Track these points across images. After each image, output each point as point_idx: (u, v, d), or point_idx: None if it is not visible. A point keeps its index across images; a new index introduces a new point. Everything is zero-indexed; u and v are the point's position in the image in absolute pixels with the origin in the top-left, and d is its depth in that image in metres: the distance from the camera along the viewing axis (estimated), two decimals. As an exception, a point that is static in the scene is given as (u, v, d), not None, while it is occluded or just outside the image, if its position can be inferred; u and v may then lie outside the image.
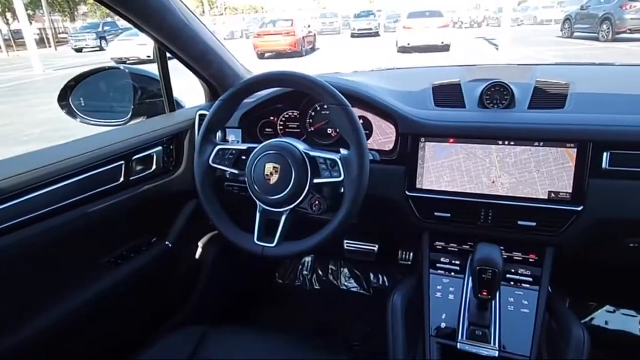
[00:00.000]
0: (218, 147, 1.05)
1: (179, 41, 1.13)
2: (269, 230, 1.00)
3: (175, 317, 1.42)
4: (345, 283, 1.99)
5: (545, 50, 11.64)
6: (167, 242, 1.30)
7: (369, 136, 1.16)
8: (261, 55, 13.92)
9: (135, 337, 1.21)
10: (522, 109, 1.03)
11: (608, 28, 12.46)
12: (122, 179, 1.11)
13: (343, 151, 0.96)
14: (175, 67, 1.31)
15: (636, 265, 1.15)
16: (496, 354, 0.90)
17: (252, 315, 1.80)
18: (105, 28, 21.03)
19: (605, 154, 0.93)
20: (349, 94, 1.03)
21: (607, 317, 1.59)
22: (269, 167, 0.97)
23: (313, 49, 15.79)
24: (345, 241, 1.51)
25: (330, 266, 2.02)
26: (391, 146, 1.13)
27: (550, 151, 0.96)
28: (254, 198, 1.00)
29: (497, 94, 1.04)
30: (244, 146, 1.04)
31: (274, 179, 0.96)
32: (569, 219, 0.97)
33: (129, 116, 1.31)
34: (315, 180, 0.96)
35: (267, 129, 1.31)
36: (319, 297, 1.96)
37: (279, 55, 13.70)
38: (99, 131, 1.20)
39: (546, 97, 1.05)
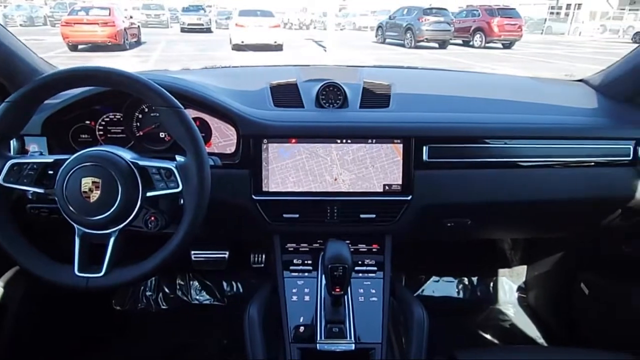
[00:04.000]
0: (11, 161, 0.83)
1: None
2: (94, 257, 0.84)
3: None
4: (197, 297, 1.85)
5: (365, 53, 13.10)
6: None
7: (207, 140, 1.07)
8: (74, 48, 12.04)
9: None
10: (354, 109, 1.09)
11: (411, 37, 14.77)
12: None
13: (179, 158, 0.86)
14: None
15: (452, 240, 1.36)
16: (353, 347, 0.94)
17: (88, 358, 1.52)
18: None
19: (425, 147, 1.05)
20: (181, 94, 0.93)
21: (434, 287, 1.87)
22: (86, 182, 0.81)
23: (138, 43, 14.38)
24: (193, 252, 1.40)
25: (177, 281, 1.86)
26: (233, 149, 1.07)
27: (382, 147, 1.04)
28: (70, 221, 0.83)
29: (332, 94, 1.08)
30: (49, 159, 0.86)
31: (94, 196, 0.81)
32: (401, 208, 1.06)
33: None
34: (149, 194, 0.84)
35: (83, 136, 1.10)
36: (169, 318, 1.78)
37: (97, 47, 12.07)
38: None
39: (374, 97, 1.13)
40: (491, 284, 1.88)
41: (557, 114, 1.14)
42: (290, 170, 1.04)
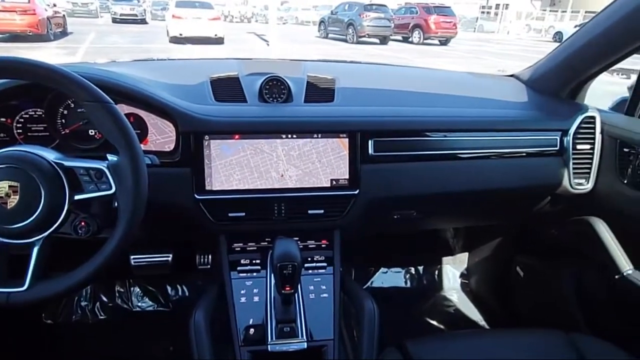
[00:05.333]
0: None
1: None
2: (17, 270, 0.76)
3: None
4: (139, 304, 1.75)
5: (308, 47, 13.09)
6: None
7: (143, 137, 1.00)
8: (-11, 37, 10.94)
9: None
10: (299, 103, 1.07)
11: (353, 32, 14.98)
12: None
13: (111, 157, 0.79)
14: None
15: (399, 232, 1.39)
16: (305, 345, 0.92)
17: None
18: None
19: (370, 141, 1.05)
20: (111, 88, 0.86)
21: (383, 278, 1.91)
22: (1, 187, 0.72)
23: (64, 33, 13.27)
24: (132, 257, 1.30)
25: (116, 288, 1.74)
26: (172, 147, 1.01)
27: (328, 142, 1.03)
28: None
29: (275, 88, 1.05)
30: None
31: (12, 202, 0.72)
32: (349, 202, 1.06)
33: None
34: (77, 197, 0.77)
35: None
36: (108, 329, 1.67)
37: (16, 38, 11.01)
38: None
39: (318, 91, 1.12)
40: (436, 272, 1.96)
41: (491, 107, 1.19)
42: (235, 167, 1.00)
